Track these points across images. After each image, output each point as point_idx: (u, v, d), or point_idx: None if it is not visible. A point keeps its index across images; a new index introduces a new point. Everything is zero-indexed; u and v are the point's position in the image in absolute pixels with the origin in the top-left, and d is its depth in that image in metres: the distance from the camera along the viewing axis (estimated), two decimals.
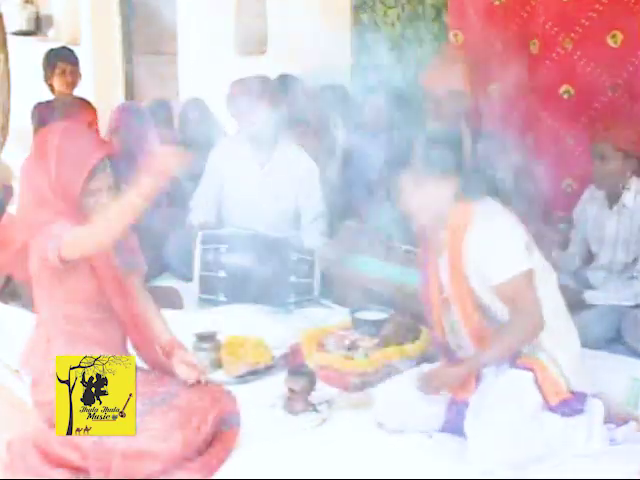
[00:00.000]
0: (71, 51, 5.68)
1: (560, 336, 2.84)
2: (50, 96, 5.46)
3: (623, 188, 3.70)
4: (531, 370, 2.81)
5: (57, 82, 5.41)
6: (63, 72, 5.41)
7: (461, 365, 2.84)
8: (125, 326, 2.83)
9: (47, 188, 2.67)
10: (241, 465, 2.72)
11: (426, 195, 2.77)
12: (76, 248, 2.58)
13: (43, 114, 4.90)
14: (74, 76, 5.46)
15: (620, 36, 3.93)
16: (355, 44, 5.31)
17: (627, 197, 3.71)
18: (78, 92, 5.51)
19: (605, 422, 2.85)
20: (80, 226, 2.58)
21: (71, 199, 2.68)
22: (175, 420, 2.63)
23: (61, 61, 5.44)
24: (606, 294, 3.72)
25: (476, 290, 2.79)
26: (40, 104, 5.36)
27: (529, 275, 2.72)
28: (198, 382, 2.81)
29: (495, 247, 2.72)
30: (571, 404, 2.80)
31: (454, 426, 2.85)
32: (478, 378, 2.88)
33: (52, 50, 5.67)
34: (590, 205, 3.88)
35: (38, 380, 2.74)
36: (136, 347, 2.88)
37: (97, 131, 4.35)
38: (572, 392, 2.82)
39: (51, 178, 2.67)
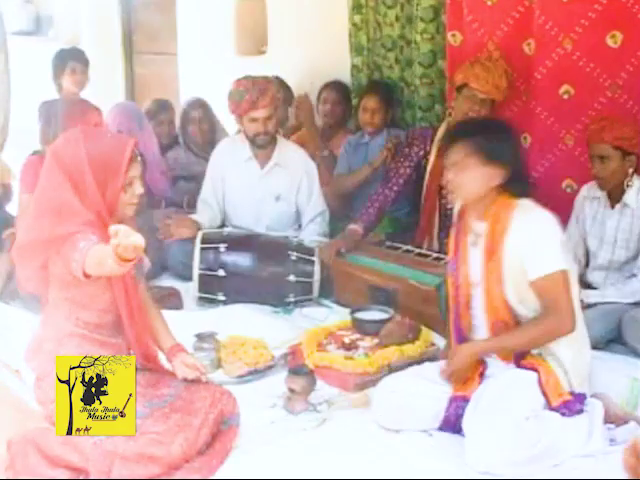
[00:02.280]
0: (83, 52, 5.71)
1: (574, 339, 2.86)
2: (51, 96, 5.46)
3: (627, 186, 3.70)
4: (536, 371, 2.82)
5: (66, 81, 5.41)
6: (74, 71, 5.43)
7: (481, 342, 2.87)
8: (129, 332, 2.83)
9: (74, 200, 2.64)
10: (241, 465, 2.72)
11: (471, 177, 2.81)
12: (99, 267, 2.54)
13: (49, 113, 4.90)
14: (84, 76, 5.48)
15: (620, 36, 3.92)
16: (354, 44, 5.31)
17: (629, 196, 3.70)
18: None
19: (605, 422, 2.85)
20: (105, 244, 2.52)
21: (111, 196, 2.67)
22: (176, 423, 2.63)
23: (72, 60, 5.46)
24: (603, 292, 3.72)
25: (507, 284, 2.82)
26: (47, 102, 5.37)
27: (565, 275, 2.78)
28: (198, 380, 2.82)
29: (536, 243, 2.78)
30: (572, 405, 2.80)
31: (454, 423, 2.85)
32: (482, 375, 2.89)
33: (63, 49, 5.70)
34: (589, 203, 3.88)
35: (42, 378, 2.74)
36: (135, 345, 2.87)
37: None
38: (573, 393, 2.83)
39: (84, 187, 2.65)
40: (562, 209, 4.18)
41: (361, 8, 5.20)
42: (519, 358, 2.87)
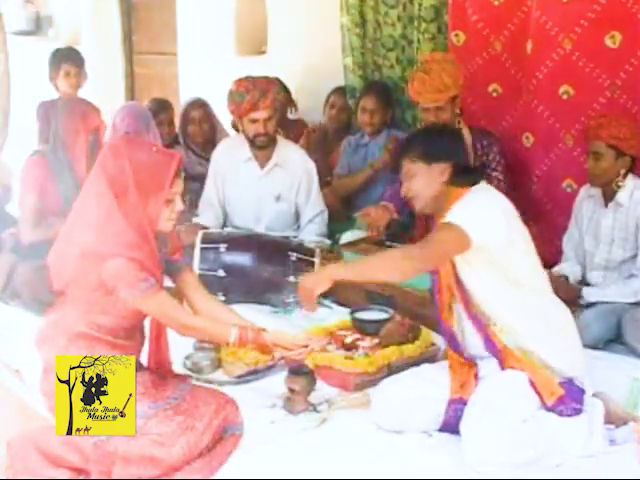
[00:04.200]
0: (77, 52, 5.69)
1: (554, 334, 2.85)
2: (51, 96, 5.47)
3: (618, 186, 3.70)
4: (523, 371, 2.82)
5: (61, 83, 5.42)
6: (67, 74, 5.44)
7: (337, 267, 2.94)
8: (151, 337, 2.83)
9: (118, 217, 2.61)
10: (241, 465, 2.72)
11: (421, 181, 2.90)
12: (160, 315, 2.69)
13: (48, 113, 4.91)
14: (79, 78, 5.49)
15: (619, 37, 3.92)
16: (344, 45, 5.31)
17: (622, 195, 3.71)
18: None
19: (605, 422, 2.85)
20: (172, 301, 2.67)
21: (153, 211, 2.65)
22: (179, 425, 2.63)
23: (66, 62, 5.46)
24: (604, 291, 3.72)
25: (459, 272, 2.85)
26: (45, 103, 5.38)
27: (456, 232, 2.73)
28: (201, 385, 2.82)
29: (461, 202, 2.82)
30: (567, 402, 2.79)
31: (453, 426, 2.85)
32: (476, 377, 2.89)
33: (58, 50, 5.68)
34: (586, 202, 3.88)
35: (50, 371, 2.73)
36: (152, 355, 2.86)
37: (103, 135, 4.32)
38: (565, 386, 2.81)
39: (126, 200, 2.61)
40: (563, 209, 4.20)
41: (349, 9, 5.20)
42: (503, 362, 2.85)
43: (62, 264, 2.72)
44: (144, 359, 2.86)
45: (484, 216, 2.78)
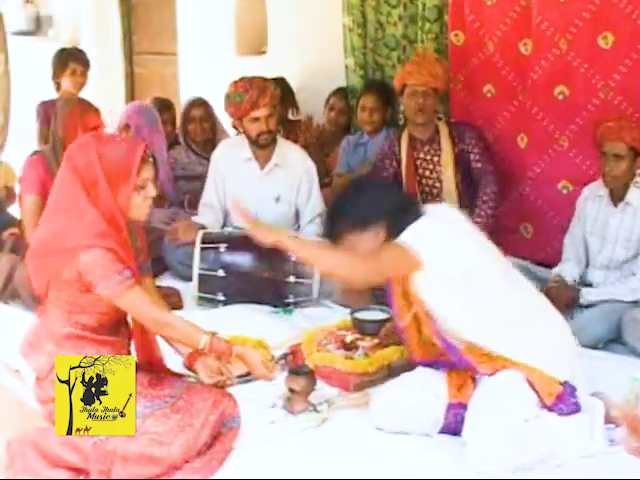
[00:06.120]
0: (84, 53, 5.74)
1: (535, 338, 2.85)
2: (50, 96, 5.47)
3: (634, 185, 3.71)
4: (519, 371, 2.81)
5: (66, 81, 5.43)
6: (74, 72, 5.46)
7: (286, 237, 2.88)
8: (135, 338, 2.84)
9: (89, 209, 2.63)
10: (241, 465, 2.72)
11: (362, 250, 2.83)
12: (133, 309, 2.69)
13: (47, 113, 4.92)
14: (84, 77, 5.52)
15: (611, 37, 3.90)
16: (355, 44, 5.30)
17: (632, 195, 3.72)
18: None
19: (604, 422, 2.85)
20: (146, 297, 2.69)
21: (123, 199, 2.66)
22: (177, 423, 2.63)
23: (74, 61, 5.49)
24: (602, 289, 3.72)
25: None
26: (44, 103, 5.39)
27: (400, 252, 2.75)
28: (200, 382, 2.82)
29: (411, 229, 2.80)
30: (566, 400, 2.79)
31: (454, 429, 2.84)
32: (474, 380, 2.88)
33: (65, 49, 5.72)
34: (591, 202, 3.88)
35: (42, 378, 2.74)
36: (140, 350, 2.87)
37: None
38: (562, 385, 2.81)
39: (96, 191, 2.64)
40: (559, 210, 4.20)
41: (352, 9, 5.19)
42: (492, 370, 2.85)
43: (40, 264, 2.72)
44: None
45: (437, 242, 2.77)
